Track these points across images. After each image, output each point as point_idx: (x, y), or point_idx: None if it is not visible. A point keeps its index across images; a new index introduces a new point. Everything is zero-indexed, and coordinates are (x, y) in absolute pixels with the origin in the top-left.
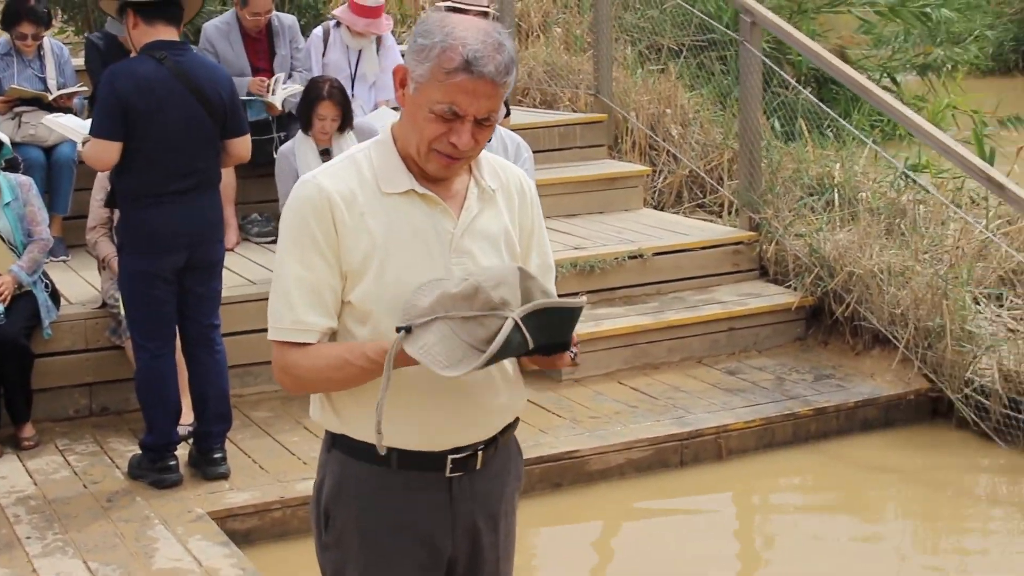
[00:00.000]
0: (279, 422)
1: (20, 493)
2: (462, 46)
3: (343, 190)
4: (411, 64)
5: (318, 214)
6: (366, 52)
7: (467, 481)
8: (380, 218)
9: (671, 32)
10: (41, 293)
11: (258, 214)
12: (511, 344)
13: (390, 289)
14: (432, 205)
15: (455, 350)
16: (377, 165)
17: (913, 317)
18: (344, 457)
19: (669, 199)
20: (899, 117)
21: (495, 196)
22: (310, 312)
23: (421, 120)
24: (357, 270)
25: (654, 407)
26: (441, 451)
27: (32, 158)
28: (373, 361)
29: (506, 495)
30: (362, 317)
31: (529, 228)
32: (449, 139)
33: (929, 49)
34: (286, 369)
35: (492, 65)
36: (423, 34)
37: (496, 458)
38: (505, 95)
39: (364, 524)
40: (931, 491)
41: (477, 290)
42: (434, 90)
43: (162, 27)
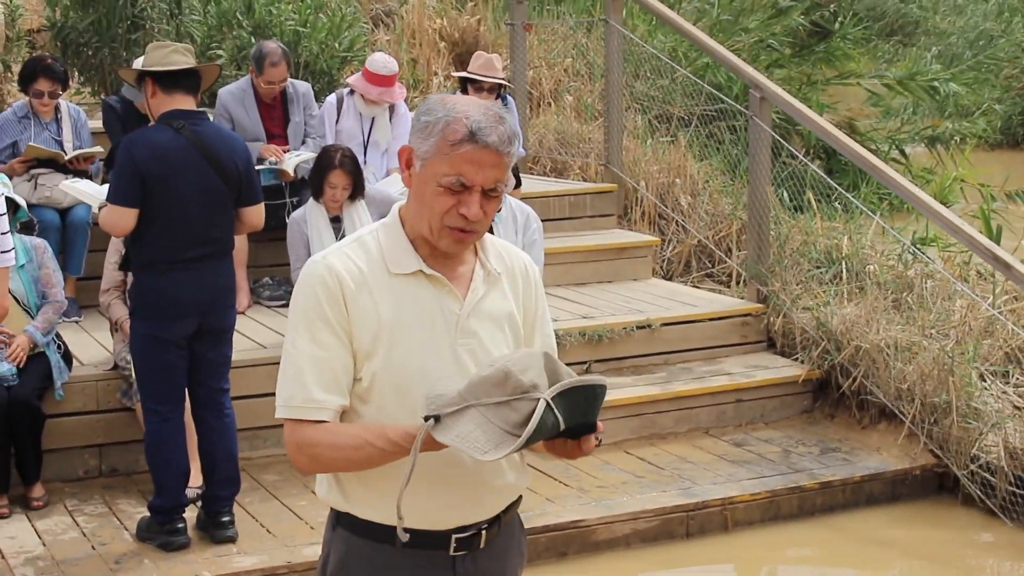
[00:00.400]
0: (287, 486)
1: (29, 553)
2: (465, 118)
3: (352, 270)
4: (416, 143)
5: (329, 293)
6: (379, 119)
7: (471, 560)
8: (388, 299)
9: (681, 101)
10: (54, 354)
11: (269, 278)
12: (545, 425)
13: (397, 368)
14: (439, 286)
15: (491, 436)
16: (385, 246)
17: (919, 392)
18: (348, 535)
19: (678, 268)
20: (906, 194)
21: (500, 279)
22: (323, 390)
23: (430, 196)
24: (367, 350)
25: (661, 478)
26: (445, 530)
27: (47, 220)
28: (395, 444)
29: (508, 572)
30: (365, 396)
31: (533, 311)
32: (459, 211)
33: (937, 122)
34: (301, 447)
35: (495, 135)
36: (426, 112)
37: (500, 536)
38: (509, 166)
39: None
40: (936, 567)
41: (507, 375)
42: (440, 163)
43: (180, 96)
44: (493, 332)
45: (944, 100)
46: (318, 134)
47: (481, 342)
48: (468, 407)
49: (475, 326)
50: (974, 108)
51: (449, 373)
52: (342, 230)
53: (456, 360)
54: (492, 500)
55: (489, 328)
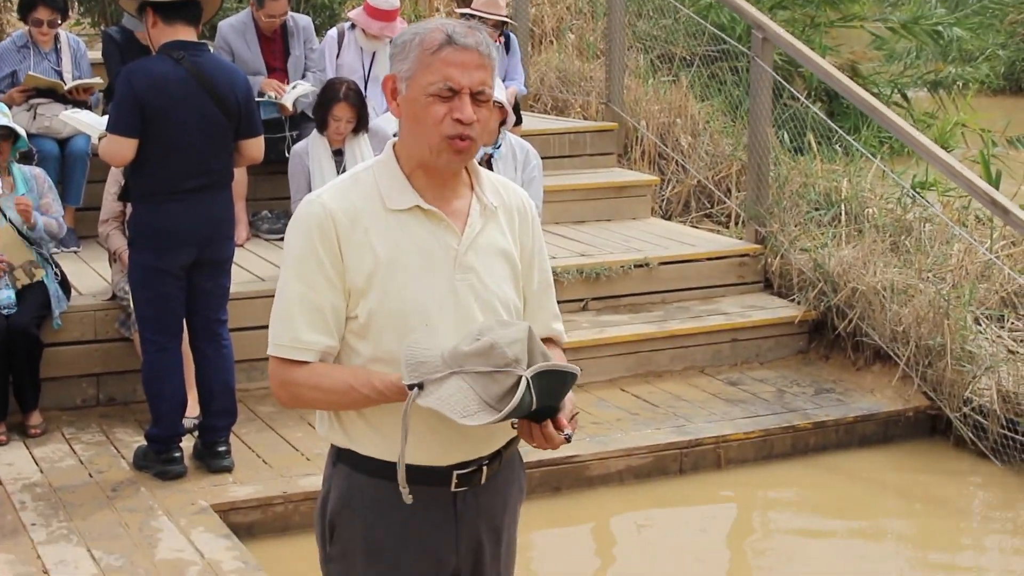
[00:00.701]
0: (283, 417)
1: (26, 480)
2: (440, 28)
3: (347, 208)
4: (396, 67)
5: (322, 233)
6: (380, 54)
7: (471, 496)
8: (384, 236)
9: (684, 42)
10: (52, 283)
11: (268, 211)
12: (523, 403)
13: (394, 305)
14: (436, 221)
15: (470, 403)
16: (381, 183)
17: (914, 335)
18: (349, 471)
19: (677, 208)
20: (907, 138)
21: (497, 213)
22: (309, 330)
23: (421, 111)
24: (361, 288)
25: (655, 415)
26: (446, 466)
27: (46, 150)
28: (380, 392)
29: (509, 508)
30: (362, 331)
31: (530, 247)
32: (453, 116)
33: (940, 67)
34: (284, 385)
35: (472, 38)
36: (399, 39)
37: (500, 472)
38: (493, 71)
39: (369, 537)
40: (927, 507)
41: (492, 347)
42: (424, 73)
43: (181, 27)
44: (491, 266)
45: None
46: (318, 68)
47: (479, 276)
48: (452, 374)
49: (473, 261)
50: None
51: (447, 308)
52: (344, 164)
53: (454, 295)
54: (492, 435)
55: (487, 262)
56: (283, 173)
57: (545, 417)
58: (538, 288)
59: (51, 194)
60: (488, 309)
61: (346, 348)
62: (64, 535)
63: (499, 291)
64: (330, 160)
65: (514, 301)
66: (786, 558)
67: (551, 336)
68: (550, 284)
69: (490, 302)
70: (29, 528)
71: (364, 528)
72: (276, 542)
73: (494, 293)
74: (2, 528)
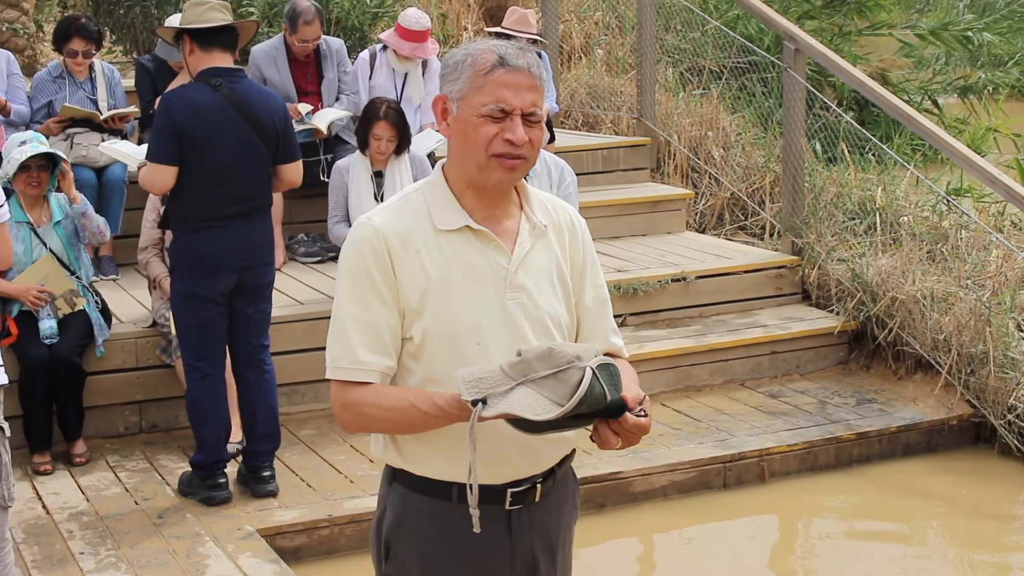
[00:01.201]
0: (325, 440)
1: (73, 509)
2: (492, 49)
3: (399, 229)
4: (447, 87)
5: (375, 254)
6: (412, 75)
7: (526, 513)
8: (435, 256)
9: (712, 54)
10: (94, 312)
11: (304, 234)
12: (592, 393)
13: (447, 325)
14: (486, 241)
15: (541, 405)
16: (431, 204)
17: (956, 343)
18: (405, 491)
19: (711, 221)
20: (943, 146)
21: (547, 232)
22: (368, 352)
23: (472, 132)
24: (415, 308)
25: (697, 429)
26: (501, 484)
27: (83, 178)
28: (441, 409)
29: (563, 525)
30: (416, 352)
31: (581, 263)
32: (503, 137)
33: (970, 72)
34: (347, 407)
35: (523, 60)
36: (450, 58)
37: (554, 490)
38: (543, 93)
39: (425, 556)
40: (973, 517)
41: (551, 350)
42: (476, 95)
43: (218, 54)
44: (541, 285)
45: (977, 50)
46: (352, 90)
47: (530, 295)
48: (517, 385)
49: (523, 279)
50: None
51: (498, 327)
52: (383, 185)
53: (505, 314)
54: (547, 454)
55: (537, 281)
56: (318, 196)
57: (621, 411)
58: (592, 304)
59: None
60: (539, 327)
61: (400, 369)
62: (113, 563)
63: (550, 309)
64: (369, 181)
65: (565, 319)
66: (833, 569)
67: (611, 351)
68: (606, 300)
69: (541, 320)
70: (78, 557)
71: (419, 547)
72: (322, 565)
73: (544, 311)
74: (51, 557)
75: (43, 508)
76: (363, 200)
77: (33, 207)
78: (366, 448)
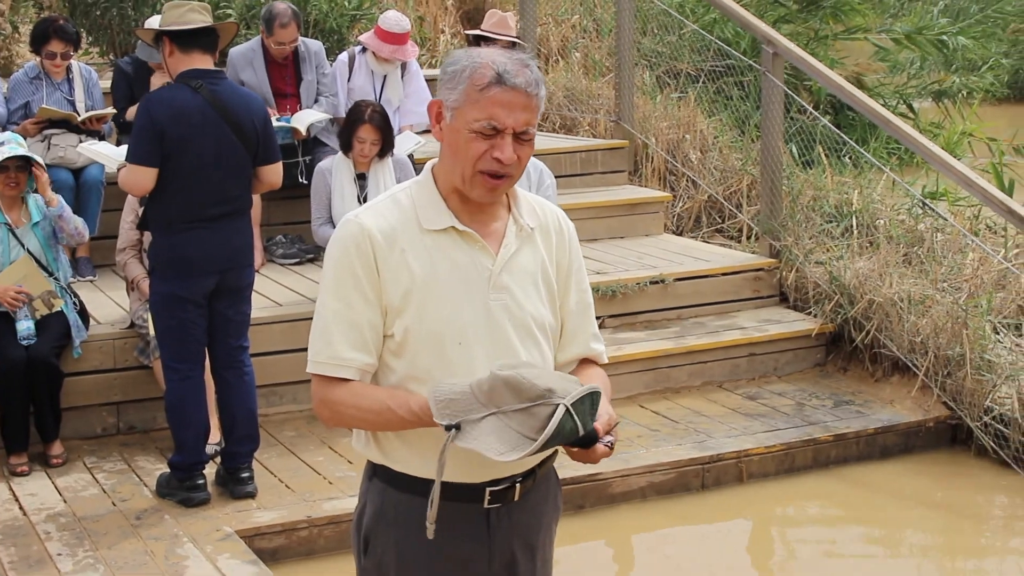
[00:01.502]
0: (304, 442)
1: (50, 510)
2: (492, 63)
3: (384, 228)
4: (444, 94)
5: (360, 252)
6: (391, 77)
7: (505, 512)
8: (421, 255)
9: (689, 57)
10: (72, 313)
11: (283, 236)
12: (563, 429)
13: (429, 324)
14: (471, 242)
15: (508, 440)
16: (419, 203)
17: (933, 345)
18: (384, 486)
19: (688, 224)
20: (921, 150)
21: (533, 234)
22: (348, 348)
23: (463, 143)
24: (397, 307)
25: (675, 431)
26: (479, 483)
27: (61, 179)
28: (415, 415)
29: (544, 524)
30: (398, 350)
31: (567, 266)
32: (492, 155)
33: (945, 76)
34: (325, 403)
35: (522, 77)
36: (451, 63)
37: (534, 490)
38: (539, 110)
39: (403, 551)
40: (949, 518)
41: (521, 384)
42: (470, 109)
43: (198, 55)
44: (526, 286)
45: (951, 54)
46: (331, 92)
47: (513, 296)
48: (488, 415)
49: (507, 281)
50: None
51: (481, 328)
52: (366, 188)
53: (488, 315)
54: None
55: (521, 282)
56: (296, 198)
57: (592, 442)
58: (576, 308)
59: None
60: (522, 329)
61: (381, 366)
62: (91, 564)
63: (533, 311)
64: (352, 183)
65: (549, 321)
66: (810, 571)
67: (591, 356)
68: (589, 304)
69: (524, 322)
70: (55, 558)
71: (397, 542)
72: (301, 566)
73: (528, 313)
74: (28, 559)
75: (20, 509)
76: (346, 202)
77: (11, 208)
78: (345, 450)
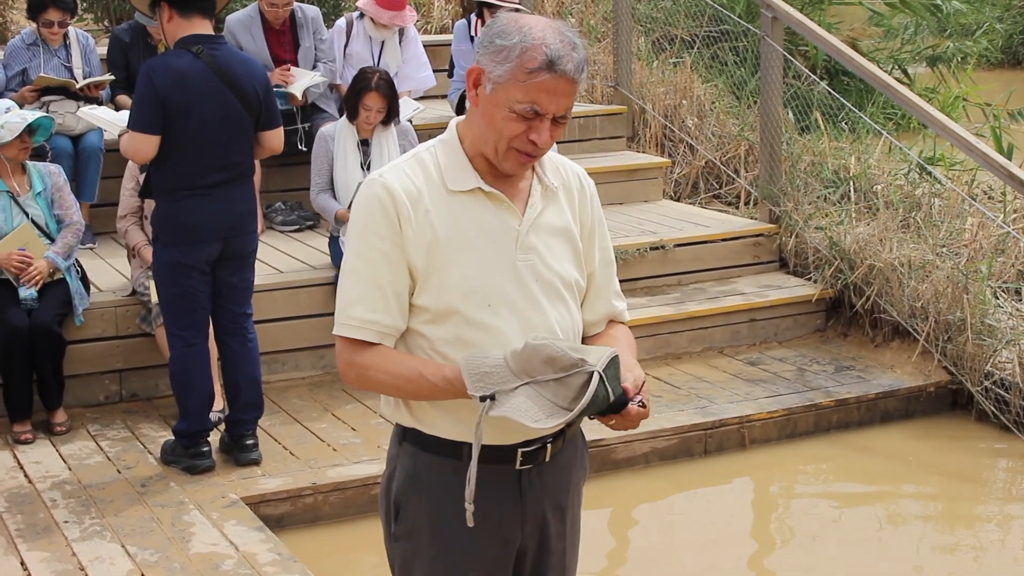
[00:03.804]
0: (307, 409)
1: (55, 478)
2: (544, 46)
3: (409, 188)
4: (488, 65)
5: (384, 212)
6: (389, 43)
7: (536, 473)
8: (445, 216)
9: (684, 23)
10: (74, 280)
11: (282, 203)
12: (597, 398)
13: (457, 287)
14: (498, 203)
15: (543, 408)
16: (443, 163)
17: (933, 310)
18: (415, 450)
19: (686, 189)
20: (922, 114)
21: (558, 193)
22: (372, 310)
23: (500, 120)
24: (423, 268)
25: (678, 397)
26: (511, 444)
27: (60, 147)
28: (451, 383)
29: (573, 485)
30: (427, 316)
31: (590, 224)
32: (529, 137)
33: (939, 41)
34: (351, 365)
35: (571, 64)
36: (500, 35)
37: (564, 450)
38: (579, 92)
39: (435, 515)
40: (950, 482)
41: (555, 356)
42: (515, 90)
43: (197, 20)
44: (552, 246)
45: (946, 19)
46: (329, 58)
47: (540, 256)
48: (522, 385)
49: (534, 241)
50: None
51: (509, 289)
52: (370, 154)
53: (516, 275)
54: None
55: (548, 242)
56: (295, 164)
57: (623, 406)
58: (599, 266)
59: (66, 187)
60: (549, 288)
61: (411, 334)
62: (98, 531)
63: (561, 270)
64: (356, 150)
65: (576, 279)
66: (812, 535)
67: (612, 315)
68: (611, 261)
69: (551, 281)
70: (62, 526)
71: (430, 506)
72: (307, 533)
73: (556, 272)
74: (35, 526)
75: (25, 477)
76: (349, 168)
77: (12, 176)
78: (348, 416)
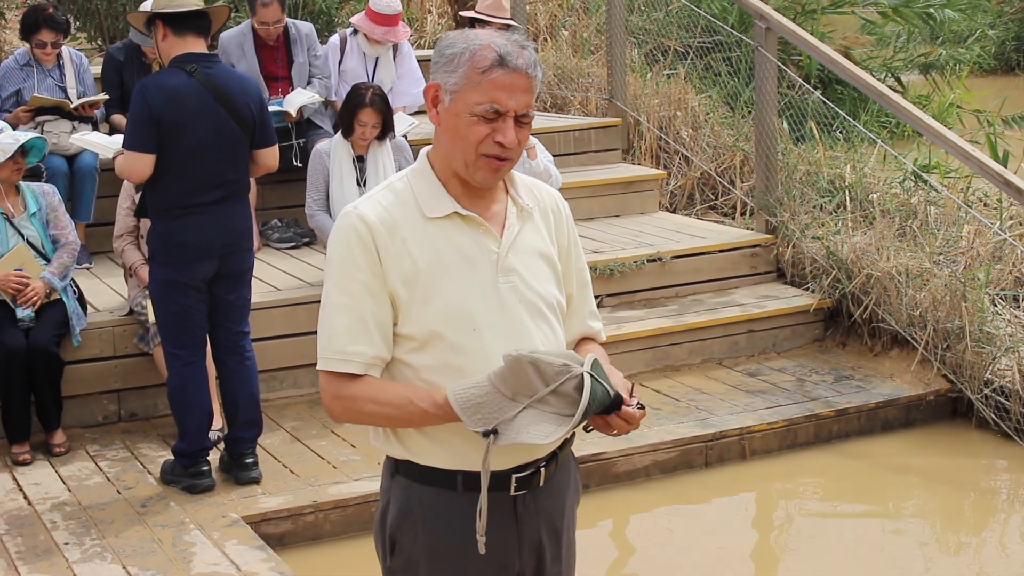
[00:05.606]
0: (307, 427)
1: (55, 499)
2: (492, 46)
3: (385, 218)
4: (442, 77)
5: (362, 243)
6: (383, 59)
7: (531, 499)
8: (423, 243)
9: (677, 34)
10: (71, 300)
11: (278, 220)
12: (596, 395)
13: (440, 313)
14: (475, 226)
15: (550, 422)
16: (418, 191)
17: (932, 319)
18: (408, 482)
19: (681, 201)
20: (917, 123)
21: (533, 214)
22: (353, 342)
23: (463, 128)
24: (404, 297)
25: (677, 409)
26: (505, 470)
27: (55, 167)
28: (440, 408)
29: (567, 508)
30: (411, 344)
31: (566, 246)
32: (495, 139)
33: (932, 49)
34: (338, 398)
35: (522, 59)
36: (448, 46)
37: (557, 473)
38: (536, 92)
39: (432, 547)
40: (952, 490)
41: (538, 366)
42: (472, 92)
43: (191, 39)
44: (533, 266)
45: (938, 26)
46: (324, 75)
47: (522, 277)
48: (523, 409)
49: (514, 262)
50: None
51: (493, 312)
52: (365, 170)
53: (499, 297)
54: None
55: (528, 263)
56: (291, 182)
57: (619, 404)
58: (576, 287)
59: (60, 207)
60: (533, 309)
61: (397, 364)
62: (98, 553)
63: (543, 290)
64: (351, 166)
65: (558, 299)
66: (814, 545)
67: (589, 335)
68: (587, 282)
69: (534, 303)
70: (63, 548)
71: (426, 538)
72: (308, 551)
73: (538, 293)
74: (36, 548)
75: (24, 499)
76: (345, 185)
77: (6, 197)
78: (348, 434)
